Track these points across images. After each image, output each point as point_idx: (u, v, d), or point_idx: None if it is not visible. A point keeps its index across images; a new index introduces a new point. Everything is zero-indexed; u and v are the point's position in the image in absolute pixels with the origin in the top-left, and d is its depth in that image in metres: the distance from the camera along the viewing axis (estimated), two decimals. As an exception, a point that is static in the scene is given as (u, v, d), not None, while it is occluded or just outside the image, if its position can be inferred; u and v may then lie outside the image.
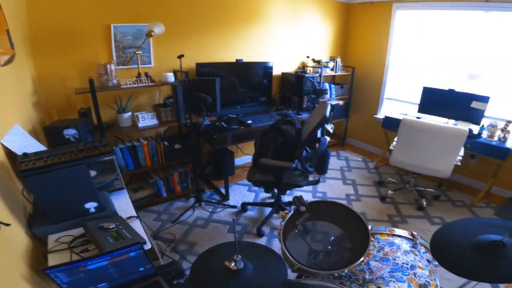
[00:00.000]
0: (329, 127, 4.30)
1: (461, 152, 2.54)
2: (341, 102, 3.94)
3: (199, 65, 2.74)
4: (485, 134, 2.86)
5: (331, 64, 3.79)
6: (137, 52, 2.36)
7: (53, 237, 1.24)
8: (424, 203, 2.80)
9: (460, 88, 3.08)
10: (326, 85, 3.86)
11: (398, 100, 3.88)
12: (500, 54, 2.86)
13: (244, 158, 3.74)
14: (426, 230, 2.48)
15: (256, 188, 3.15)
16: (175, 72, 2.56)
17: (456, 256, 1.17)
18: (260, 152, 2.18)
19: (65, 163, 1.17)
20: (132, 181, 2.78)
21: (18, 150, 1.27)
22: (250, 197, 2.99)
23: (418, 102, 3.30)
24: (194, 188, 2.84)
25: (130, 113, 2.45)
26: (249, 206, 2.79)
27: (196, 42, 2.85)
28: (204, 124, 2.31)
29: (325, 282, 1.24)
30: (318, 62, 3.68)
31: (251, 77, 3.21)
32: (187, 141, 2.69)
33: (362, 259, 1.27)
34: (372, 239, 1.50)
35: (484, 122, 2.88)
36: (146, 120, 2.47)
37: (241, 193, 3.07)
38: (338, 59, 3.90)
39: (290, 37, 3.59)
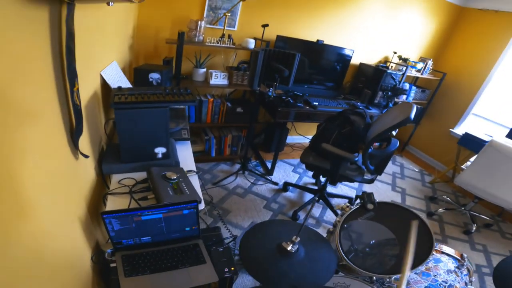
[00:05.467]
0: (395, 130, 4.01)
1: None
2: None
3: (279, 38, 2.69)
4: None
5: (419, 65, 3.43)
6: (226, 14, 2.41)
7: (117, 177, 1.23)
8: (474, 228, 2.61)
9: None
10: (407, 86, 3.54)
11: (485, 119, 3.41)
12: None
13: (296, 137, 3.70)
14: (465, 253, 2.29)
15: (301, 170, 3.11)
16: (255, 40, 2.56)
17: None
18: (321, 136, 2.12)
19: (153, 103, 1.21)
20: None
21: (112, 83, 1.37)
22: (293, 178, 2.94)
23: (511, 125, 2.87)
24: (243, 155, 2.84)
25: (205, 69, 2.54)
26: (290, 187, 2.74)
27: (280, 14, 2.77)
28: (272, 96, 2.31)
29: (361, 283, 1.21)
30: (405, 60, 3.35)
31: (325, 60, 3.05)
32: (248, 106, 2.73)
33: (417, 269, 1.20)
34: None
35: None
36: (218, 78, 2.54)
37: (285, 171, 3.02)
38: (430, 62, 3.51)
39: (379, 28, 3.28)
